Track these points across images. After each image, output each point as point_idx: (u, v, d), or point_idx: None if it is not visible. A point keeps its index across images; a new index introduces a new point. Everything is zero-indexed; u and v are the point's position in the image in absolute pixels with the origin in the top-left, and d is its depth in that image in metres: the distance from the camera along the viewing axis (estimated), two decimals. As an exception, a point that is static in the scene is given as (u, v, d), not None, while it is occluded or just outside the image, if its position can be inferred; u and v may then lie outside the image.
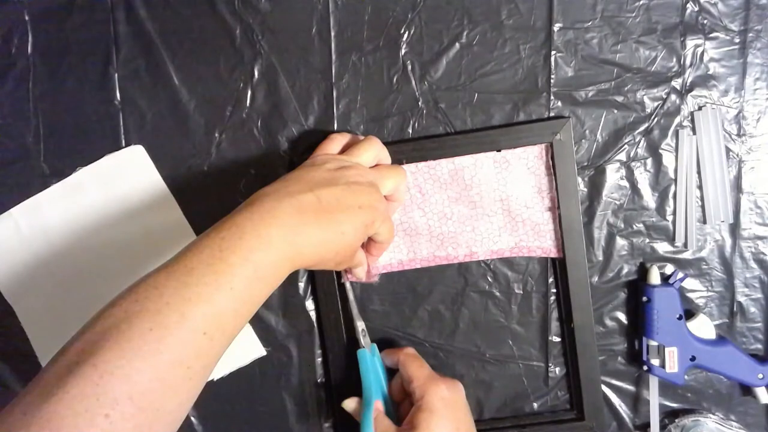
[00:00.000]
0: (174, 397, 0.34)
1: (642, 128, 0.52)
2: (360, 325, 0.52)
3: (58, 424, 0.30)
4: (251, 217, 0.38)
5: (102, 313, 0.36)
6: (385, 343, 0.54)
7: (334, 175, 0.43)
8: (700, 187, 0.52)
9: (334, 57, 0.53)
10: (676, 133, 0.52)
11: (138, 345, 0.33)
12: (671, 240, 0.53)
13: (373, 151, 0.47)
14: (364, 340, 0.51)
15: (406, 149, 0.52)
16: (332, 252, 0.41)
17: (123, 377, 0.32)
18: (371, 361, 0.50)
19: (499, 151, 0.52)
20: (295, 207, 0.40)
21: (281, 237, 0.38)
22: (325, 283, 0.53)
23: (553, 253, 0.53)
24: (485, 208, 0.53)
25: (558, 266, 0.53)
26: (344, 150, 0.48)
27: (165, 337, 0.34)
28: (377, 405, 0.48)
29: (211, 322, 0.35)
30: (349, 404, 0.50)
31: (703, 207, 0.52)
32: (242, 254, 0.37)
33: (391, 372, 0.51)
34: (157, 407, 0.33)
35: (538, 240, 0.53)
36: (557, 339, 0.54)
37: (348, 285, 0.53)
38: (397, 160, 0.51)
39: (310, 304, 0.55)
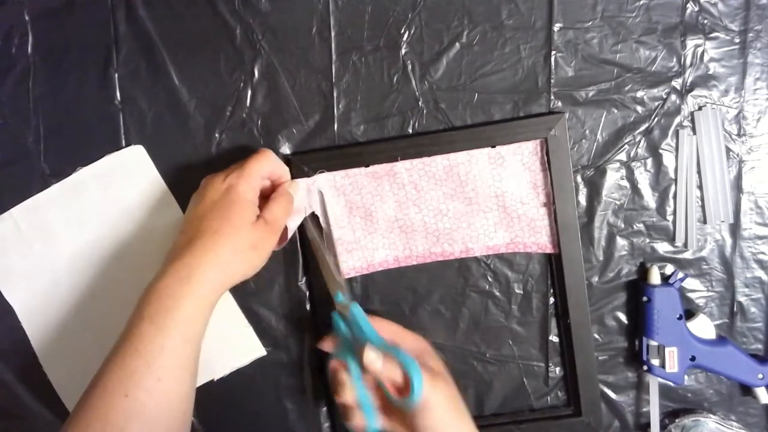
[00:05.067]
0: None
1: (642, 128, 0.52)
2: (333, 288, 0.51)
3: None
4: (149, 329, 0.42)
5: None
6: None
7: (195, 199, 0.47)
8: (700, 187, 0.52)
9: (334, 57, 0.53)
10: (676, 133, 0.52)
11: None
12: (671, 240, 0.53)
13: (259, 172, 0.47)
14: (340, 302, 0.49)
15: (401, 146, 0.52)
16: (242, 264, 0.45)
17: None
18: (337, 324, 0.49)
19: (493, 147, 0.52)
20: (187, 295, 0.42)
21: (183, 335, 0.42)
22: (321, 282, 0.53)
23: (548, 249, 0.53)
24: (480, 204, 0.53)
25: (554, 262, 0.53)
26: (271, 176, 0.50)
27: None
28: (335, 365, 0.47)
29: (134, 389, 0.40)
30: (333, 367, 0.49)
31: (703, 207, 0.52)
32: (154, 342, 0.41)
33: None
34: None
35: (534, 236, 0.53)
36: (557, 339, 0.54)
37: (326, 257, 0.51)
38: (393, 156, 0.52)
39: (309, 305, 0.55)
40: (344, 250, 0.54)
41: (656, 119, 0.52)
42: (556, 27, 0.52)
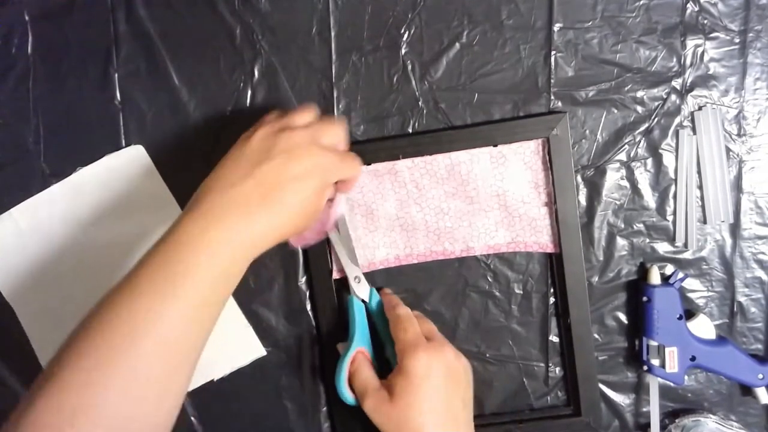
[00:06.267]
0: (140, 406, 0.36)
1: (642, 128, 0.52)
2: (353, 272, 0.52)
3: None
4: (196, 222, 0.39)
5: (71, 333, 0.37)
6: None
7: (269, 145, 0.41)
8: (700, 187, 0.52)
9: (334, 57, 0.53)
10: (677, 133, 0.52)
11: (94, 361, 0.35)
12: (671, 240, 0.53)
13: (332, 136, 0.44)
14: (357, 286, 0.51)
15: (403, 144, 0.52)
16: (289, 230, 0.42)
17: (81, 391, 0.34)
18: (359, 309, 0.50)
19: (495, 146, 0.52)
20: (238, 201, 0.39)
21: (231, 239, 0.39)
22: (320, 280, 0.53)
23: (549, 248, 0.53)
24: (482, 203, 0.53)
25: (555, 261, 0.53)
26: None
27: (117, 352, 0.35)
28: (360, 352, 0.48)
29: (166, 331, 0.36)
30: (340, 347, 0.51)
31: (703, 207, 0.52)
32: (188, 262, 0.37)
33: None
34: (124, 416, 0.35)
35: (535, 235, 0.53)
36: (557, 339, 0.54)
37: (333, 236, 0.51)
38: (394, 155, 0.52)
39: (309, 304, 0.55)
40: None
41: (656, 119, 0.52)
42: (556, 27, 0.52)
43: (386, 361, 0.51)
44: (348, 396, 0.48)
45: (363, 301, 0.52)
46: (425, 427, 0.43)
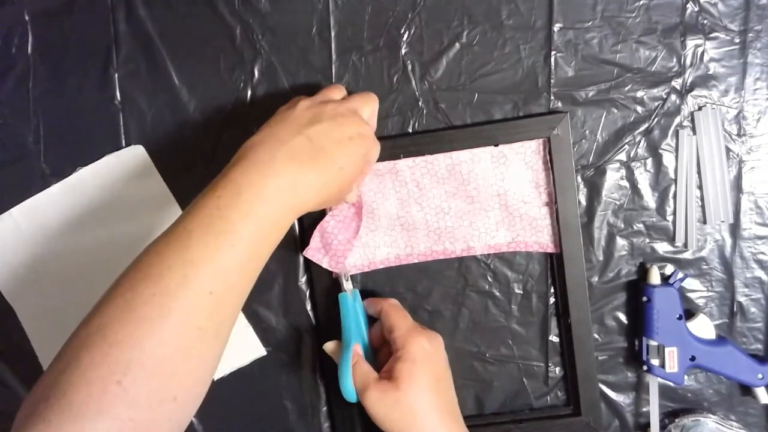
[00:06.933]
0: (188, 359, 0.35)
1: (642, 128, 0.52)
2: (346, 270, 0.52)
3: (72, 395, 0.31)
4: (247, 172, 0.39)
5: (111, 287, 0.36)
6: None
7: (316, 112, 0.43)
8: (700, 187, 0.52)
9: (334, 57, 0.53)
10: (676, 133, 0.52)
11: (143, 312, 0.34)
12: (671, 240, 0.53)
13: (370, 108, 0.47)
14: (347, 285, 0.51)
15: (404, 144, 0.52)
16: (334, 191, 0.42)
17: (131, 344, 0.33)
18: (352, 305, 0.50)
19: (496, 145, 0.52)
20: (289, 154, 0.40)
21: (280, 189, 0.38)
22: (320, 280, 0.53)
23: (550, 249, 0.53)
24: (483, 203, 0.53)
25: (555, 261, 0.53)
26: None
27: (168, 301, 0.34)
28: (356, 348, 0.48)
29: (217, 281, 0.36)
30: (329, 346, 0.51)
31: (703, 207, 0.52)
32: (242, 211, 0.37)
33: (371, 321, 0.51)
34: (171, 371, 0.34)
35: (536, 235, 0.53)
36: (557, 339, 0.54)
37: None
38: (395, 154, 0.52)
39: (309, 304, 0.55)
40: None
41: (656, 119, 0.52)
42: (556, 27, 0.52)
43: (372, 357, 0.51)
44: (354, 393, 0.47)
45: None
46: (434, 413, 0.43)
